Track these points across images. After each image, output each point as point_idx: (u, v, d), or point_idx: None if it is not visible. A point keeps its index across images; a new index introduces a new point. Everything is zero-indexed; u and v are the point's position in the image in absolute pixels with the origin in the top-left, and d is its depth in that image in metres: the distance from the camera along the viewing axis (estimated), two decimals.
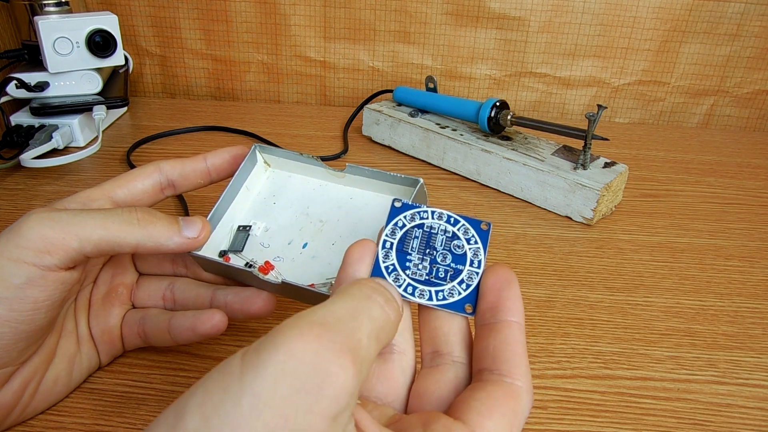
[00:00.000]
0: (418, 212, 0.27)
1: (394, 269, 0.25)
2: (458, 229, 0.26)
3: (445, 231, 0.26)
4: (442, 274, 0.25)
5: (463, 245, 0.26)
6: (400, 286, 0.25)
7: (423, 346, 0.25)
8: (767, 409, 0.33)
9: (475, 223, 0.26)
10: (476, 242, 0.26)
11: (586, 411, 0.33)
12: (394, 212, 0.27)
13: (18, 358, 0.27)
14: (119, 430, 0.30)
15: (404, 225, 0.26)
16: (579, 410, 0.33)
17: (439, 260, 0.25)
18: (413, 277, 0.25)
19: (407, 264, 0.25)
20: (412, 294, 0.24)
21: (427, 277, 0.25)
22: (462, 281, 0.25)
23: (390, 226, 0.26)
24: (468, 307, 0.24)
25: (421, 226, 0.26)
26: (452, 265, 0.25)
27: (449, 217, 0.26)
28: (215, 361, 0.35)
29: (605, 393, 0.34)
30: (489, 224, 0.26)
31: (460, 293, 0.25)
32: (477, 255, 0.25)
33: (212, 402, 0.16)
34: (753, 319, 0.41)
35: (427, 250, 0.25)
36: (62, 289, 0.27)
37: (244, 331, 0.37)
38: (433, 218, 0.26)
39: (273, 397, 0.16)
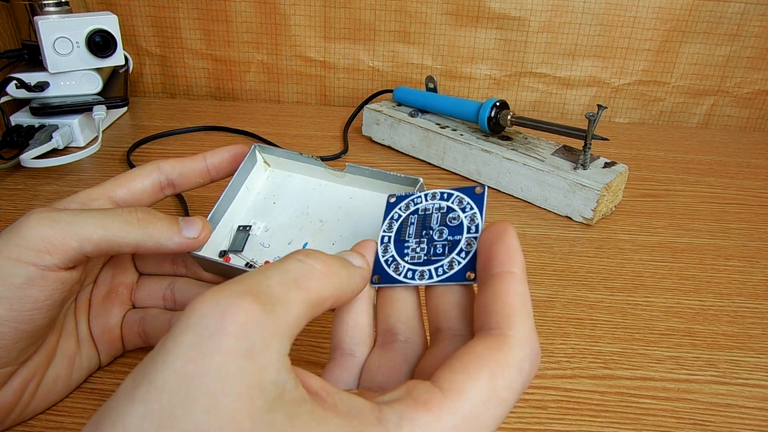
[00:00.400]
0: (413, 200, 0.26)
1: (393, 260, 0.25)
2: (452, 202, 0.25)
3: (440, 208, 0.25)
4: (440, 250, 0.24)
5: (458, 216, 0.25)
6: (399, 275, 0.24)
7: (429, 327, 0.24)
8: (767, 409, 0.33)
9: (468, 191, 0.25)
10: (472, 208, 0.25)
11: (586, 411, 0.33)
12: (389, 208, 0.27)
13: (18, 357, 0.27)
14: None
15: (400, 216, 0.26)
16: (579, 410, 0.33)
17: (435, 237, 0.25)
18: (412, 261, 0.25)
19: (405, 251, 0.25)
20: (413, 278, 0.24)
21: (425, 258, 0.24)
22: (461, 251, 0.24)
23: (386, 221, 0.26)
24: (470, 274, 0.23)
25: (415, 212, 0.26)
26: (449, 238, 0.25)
27: (442, 193, 0.26)
28: None
29: (605, 393, 0.34)
30: (484, 186, 0.25)
31: (459, 263, 0.24)
32: (474, 220, 0.24)
33: (139, 366, 0.17)
34: (753, 319, 0.41)
35: (424, 232, 0.25)
36: (62, 288, 0.27)
37: None
38: (426, 200, 0.26)
39: (180, 347, 0.17)
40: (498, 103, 0.56)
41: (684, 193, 0.59)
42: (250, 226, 0.34)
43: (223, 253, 0.33)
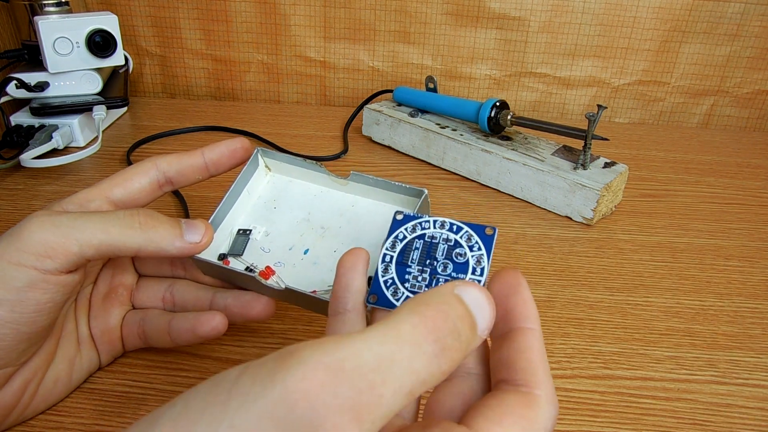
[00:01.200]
0: (420, 222, 0.26)
1: (393, 283, 0.24)
2: (461, 237, 0.25)
3: (447, 240, 0.25)
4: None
5: (465, 253, 0.24)
6: (398, 300, 0.24)
7: None
8: (767, 409, 0.33)
9: (479, 229, 0.25)
10: (479, 248, 0.24)
11: (586, 411, 0.33)
12: (395, 225, 0.26)
13: (18, 358, 0.27)
14: (119, 430, 0.30)
15: (405, 237, 0.26)
16: (579, 410, 0.33)
17: (439, 270, 0.24)
18: (412, 289, 0.24)
19: (406, 276, 0.24)
20: None
21: (426, 289, 0.24)
22: None
23: (390, 239, 0.26)
24: None
25: (422, 236, 0.25)
26: (453, 274, 0.24)
27: (452, 225, 0.25)
28: (215, 361, 0.35)
29: (605, 393, 0.34)
30: (494, 229, 0.25)
31: None
32: (480, 262, 0.24)
33: (188, 419, 0.15)
34: (753, 319, 0.41)
35: (428, 261, 0.25)
36: (63, 291, 0.27)
37: (244, 332, 0.37)
38: (434, 227, 0.25)
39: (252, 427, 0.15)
40: (498, 103, 0.56)
41: (684, 193, 0.59)
42: (251, 230, 0.34)
43: (222, 257, 0.33)
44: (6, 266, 0.25)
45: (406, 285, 0.24)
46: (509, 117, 0.56)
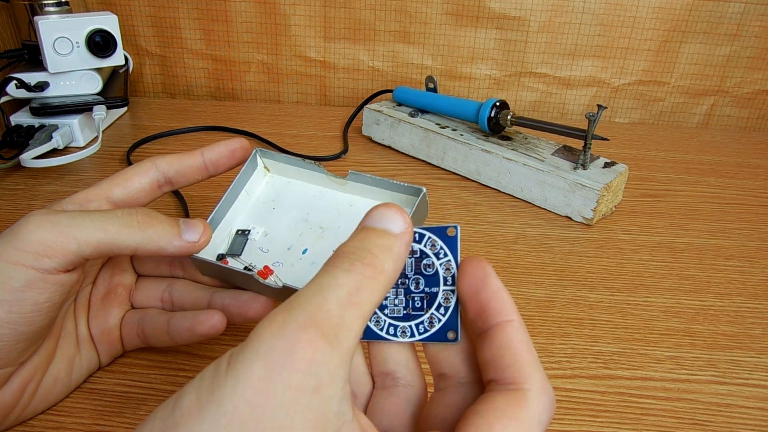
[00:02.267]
0: None
1: (374, 313, 0.24)
2: (425, 245, 0.23)
3: (413, 252, 0.23)
4: (418, 304, 0.23)
5: (432, 262, 0.23)
6: (381, 330, 0.23)
7: (431, 370, 0.24)
8: (767, 409, 0.33)
9: (440, 232, 0.23)
10: (446, 254, 0.23)
11: (586, 411, 0.33)
12: None
13: (17, 358, 0.27)
14: (119, 430, 0.30)
15: None
16: (579, 410, 0.33)
17: (412, 288, 0.23)
18: (392, 315, 0.23)
19: (384, 302, 0.24)
20: (395, 334, 0.23)
21: (405, 312, 0.23)
22: (439, 305, 0.23)
23: None
24: (451, 334, 0.22)
25: None
26: (426, 289, 0.23)
27: (413, 233, 0.23)
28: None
29: (605, 393, 0.34)
30: (456, 228, 0.23)
31: (440, 320, 0.23)
32: (449, 269, 0.23)
33: (205, 385, 0.18)
34: (753, 319, 0.41)
35: (400, 281, 0.24)
36: (61, 291, 0.27)
37: (243, 332, 0.37)
38: None
39: (251, 378, 0.17)
40: (498, 103, 0.56)
41: (684, 193, 0.59)
42: (249, 231, 0.34)
43: (221, 257, 0.33)
44: (4, 266, 0.25)
45: (386, 312, 0.24)
46: (509, 117, 0.56)
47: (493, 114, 0.56)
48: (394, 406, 0.23)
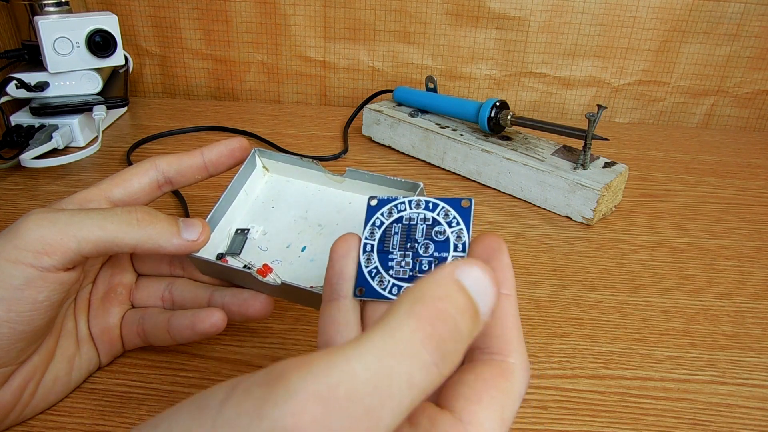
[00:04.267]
0: (395, 205, 0.25)
1: (378, 272, 0.24)
2: (438, 214, 0.24)
3: (425, 219, 0.25)
4: (426, 267, 0.24)
5: (444, 230, 0.24)
6: (384, 289, 0.24)
7: None
8: (767, 409, 0.33)
9: (455, 203, 0.24)
10: (458, 223, 0.24)
11: (586, 411, 0.33)
12: (370, 211, 0.26)
13: (17, 358, 0.27)
14: (119, 430, 0.30)
15: (382, 223, 0.25)
16: (579, 410, 0.33)
17: (421, 252, 0.24)
18: (397, 276, 0.24)
19: (389, 264, 0.24)
20: (398, 294, 0.24)
21: (411, 273, 0.24)
22: None
23: (368, 227, 0.25)
24: None
25: (399, 219, 0.25)
26: (435, 254, 0.24)
27: (427, 202, 0.25)
28: (215, 361, 0.35)
29: (605, 393, 0.34)
30: (470, 200, 0.24)
31: None
32: (461, 237, 0.24)
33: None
34: (753, 319, 0.41)
35: (408, 244, 0.24)
36: (61, 289, 0.27)
37: (243, 331, 0.37)
38: (410, 208, 0.25)
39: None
40: (498, 103, 0.56)
41: (684, 193, 0.59)
42: (248, 230, 0.34)
43: (220, 256, 0.33)
44: (3, 264, 0.25)
45: (391, 272, 0.24)
46: (509, 117, 0.56)
47: (493, 114, 0.56)
48: None
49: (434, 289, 0.18)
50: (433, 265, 0.24)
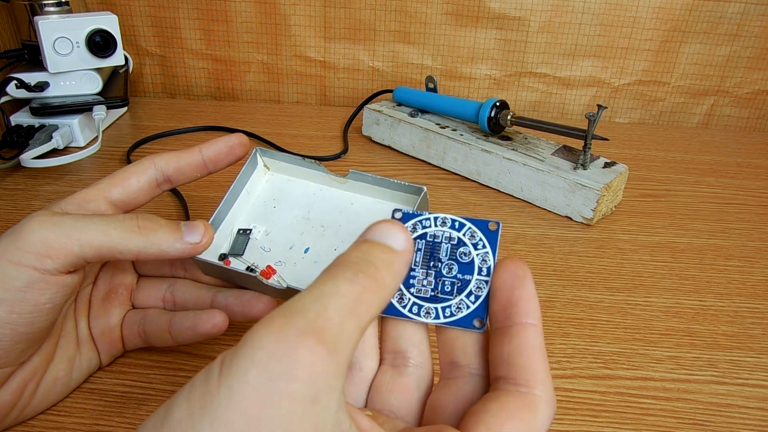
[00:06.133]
0: (420, 221, 0.25)
1: (399, 289, 0.24)
2: (464, 234, 0.24)
3: (450, 238, 0.24)
4: (448, 288, 0.23)
5: (469, 252, 0.24)
6: (404, 307, 0.23)
7: (441, 356, 0.24)
8: (767, 409, 0.33)
9: (482, 225, 0.24)
10: (484, 246, 0.23)
11: (586, 411, 0.33)
12: None
13: (17, 358, 0.27)
14: (119, 430, 0.30)
15: None
16: (579, 410, 0.33)
17: (444, 272, 0.24)
18: (418, 295, 0.23)
19: (411, 281, 0.24)
20: (418, 314, 0.23)
21: (432, 293, 0.23)
22: (470, 293, 0.23)
23: None
24: (477, 322, 0.23)
25: (423, 236, 0.24)
26: (459, 276, 0.23)
27: (453, 221, 0.24)
28: None
29: (605, 393, 0.34)
30: (498, 224, 0.24)
31: (468, 306, 0.23)
32: (486, 261, 0.23)
33: (196, 395, 0.17)
34: (753, 319, 0.41)
35: (432, 263, 0.24)
36: (63, 292, 0.27)
37: (243, 332, 0.37)
38: (436, 225, 0.24)
39: (245, 387, 0.16)
40: (498, 103, 0.56)
41: (684, 193, 0.59)
42: (251, 230, 0.34)
43: (223, 257, 0.33)
44: (6, 265, 0.25)
45: (412, 291, 0.24)
46: (509, 117, 0.56)
47: (493, 114, 0.56)
48: (403, 386, 0.23)
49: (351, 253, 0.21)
50: (455, 287, 0.23)
